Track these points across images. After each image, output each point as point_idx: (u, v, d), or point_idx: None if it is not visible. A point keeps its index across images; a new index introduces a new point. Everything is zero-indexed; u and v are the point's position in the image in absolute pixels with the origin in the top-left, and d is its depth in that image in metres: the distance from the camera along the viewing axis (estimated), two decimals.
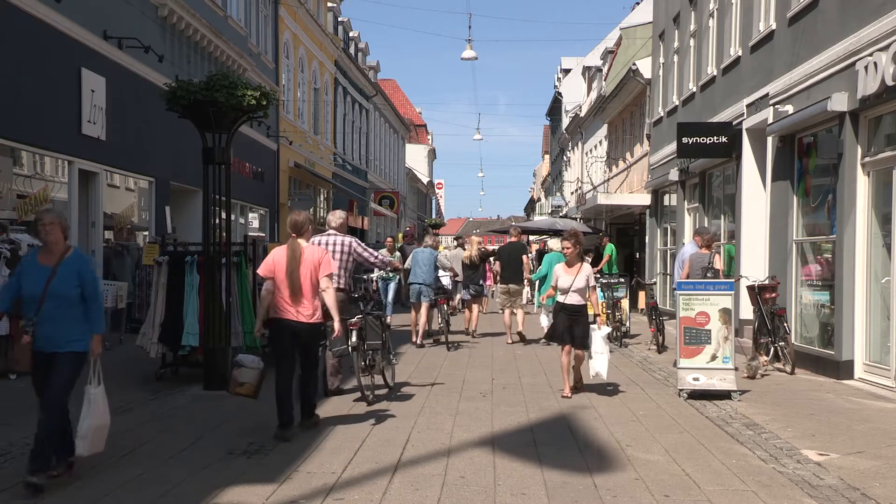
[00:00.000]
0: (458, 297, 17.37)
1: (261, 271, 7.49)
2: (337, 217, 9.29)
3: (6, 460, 6.28)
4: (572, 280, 9.28)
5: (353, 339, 8.64)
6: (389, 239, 20.67)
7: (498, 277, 15.91)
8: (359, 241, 9.29)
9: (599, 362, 9.24)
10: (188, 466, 6.14)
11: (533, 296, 18.94)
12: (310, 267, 7.30)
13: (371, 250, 9.61)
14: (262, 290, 7.55)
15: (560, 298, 9.38)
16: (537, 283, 15.30)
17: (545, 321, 14.59)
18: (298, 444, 6.85)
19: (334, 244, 8.92)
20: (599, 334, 9.32)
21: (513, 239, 16.08)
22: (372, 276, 11.98)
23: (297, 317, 7.24)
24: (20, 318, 9.43)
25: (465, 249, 16.37)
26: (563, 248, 9.31)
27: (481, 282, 15.92)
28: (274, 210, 24.39)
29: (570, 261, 9.44)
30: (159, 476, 5.90)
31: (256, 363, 7.50)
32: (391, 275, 14.14)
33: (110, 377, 10.10)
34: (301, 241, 7.43)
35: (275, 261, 7.33)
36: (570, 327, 9.26)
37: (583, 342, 9.27)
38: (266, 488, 5.59)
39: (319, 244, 8.65)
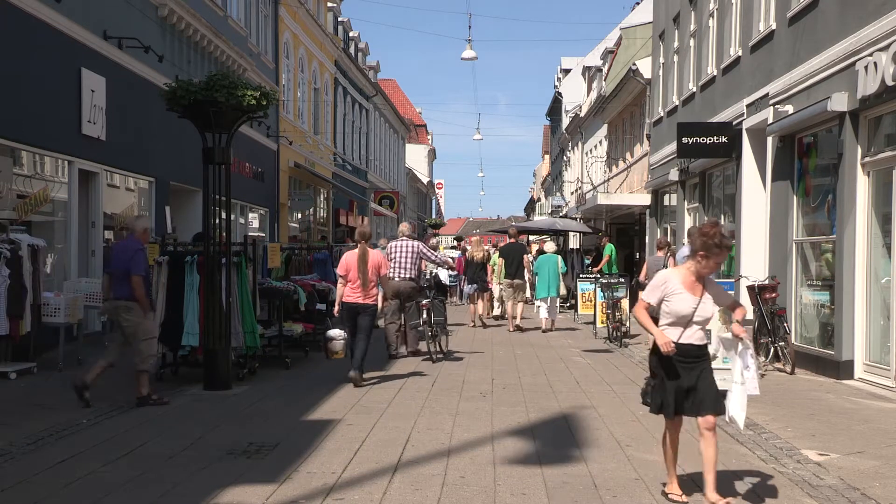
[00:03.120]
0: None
1: (339, 270, 10.20)
2: (407, 228, 12.68)
3: (6, 460, 6.27)
4: (695, 304, 5.43)
5: (424, 315, 11.97)
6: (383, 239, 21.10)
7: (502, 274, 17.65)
8: (424, 244, 12.66)
9: (734, 399, 5.54)
10: (188, 466, 6.13)
11: (533, 295, 19.50)
12: (372, 265, 9.93)
13: (433, 251, 13.17)
14: (337, 282, 10.34)
15: (668, 334, 5.49)
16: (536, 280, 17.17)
17: (544, 312, 16.80)
18: (298, 444, 6.85)
19: (406, 247, 12.12)
20: (740, 352, 5.61)
21: (512, 240, 18.06)
22: (434, 270, 14.19)
23: (360, 299, 9.92)
24: (20, 318, 9.51)
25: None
26: (708, 252, 5.36)
27: (486, 278, 17.90)
28: (274, 210, 24.37)
29: (699, 271, 5.44)
30: (159, 476, 5.89)
31: (342, 336, 10.07)
32: None
33: (110, 377, 10.14)
34: (366, 246, 10.03)
35: (347, 261, 10.04)
36: (690, 386, 5.44)
37: (716, 403, 5.41)
38: (266, 488, 5.59)
39: (395, 247, 12.12)
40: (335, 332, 10.23)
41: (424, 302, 12.15)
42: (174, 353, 10.17)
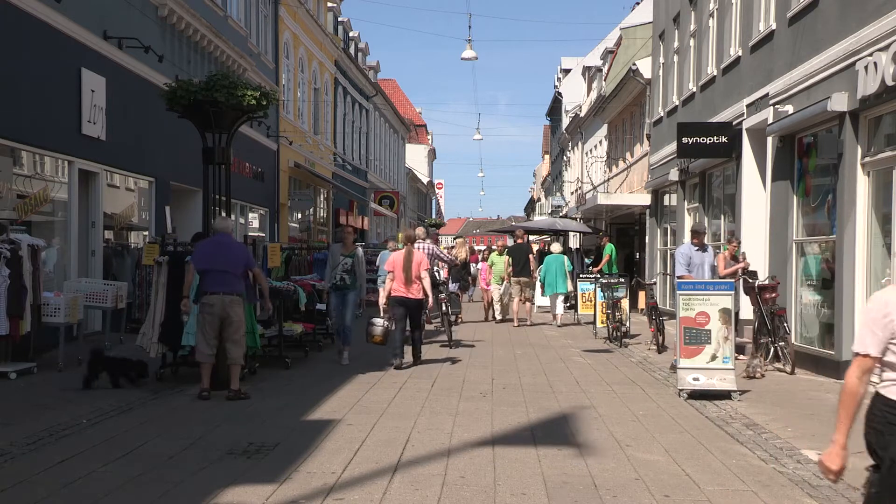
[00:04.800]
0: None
1: (386, 267, 11.68)
2: (422, 232, 14.49)
3: (6, 460, 6.27)
4: None
5: (444, 308, 14.02)
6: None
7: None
8: (436, 245, 14.92)
9: None
10: (188, 466, 6.13)
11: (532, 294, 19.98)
12: (417, 264, 11.36)
13: (444, 252, 15.77)
14: (385, 279, 11.87)
15: (892, 392, 3.50)
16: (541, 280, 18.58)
17: (560, 308, 18.40)
18: (298, 444, 6.85)
19: (422, 249, 13.18)
20: None
21: (519, 240, 19.36)
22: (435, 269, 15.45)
23: (408, 294, 11.33)
24: (20, 318, 9.51)
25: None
26: None
27: (468, 278, 19.68)
28: (274, 210, 24.38)
29: None
30: (159, 476, 5.89)
31: (383, 324, 11.25)
32: (349, 281, 11.77)
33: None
34: (411, 247, 11.63)
35: (395, 260, 11.50)
36: None
37: None
38: (266, 488, 5.58)
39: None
40: (377, 320, 11.42)
41: (442, 296, 14.09)
42: (174, 353, 10.16)
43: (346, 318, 11.81)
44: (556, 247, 19.54)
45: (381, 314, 11.78)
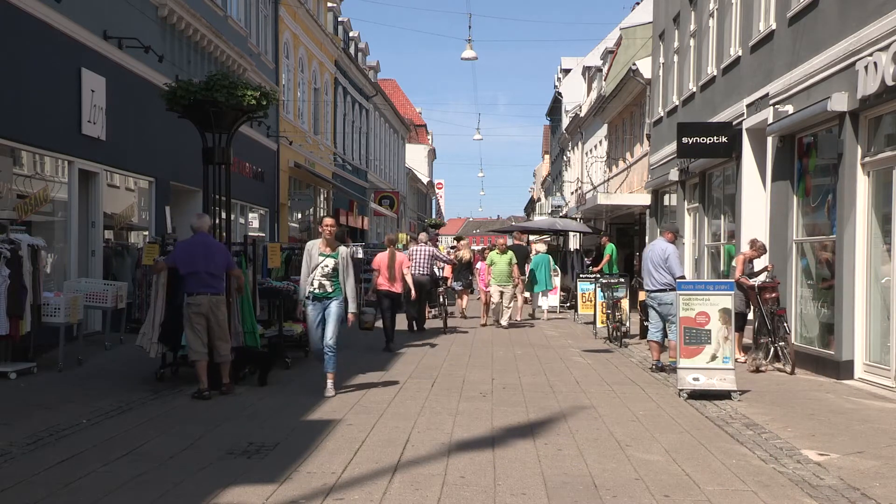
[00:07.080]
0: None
1: (373, 265, 13.60)
2: (423, 237, 17.02)
3: (6, 460, 6.27)
4: None
5: (441, 300, 16.70)
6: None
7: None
8: (435, 247, 17.50)
9: None
10: (188, 467, 6.13)
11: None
12: (399, 263, 13.44)
13: (442, 253, 18.24)
14: (372, 276, 13.69)
15: None
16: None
17: (546, 304, 19.88)
18: (298, 444, 6.85)
19: (423, 251, 15.94)
20: None
21: (517, 241, 20.95)
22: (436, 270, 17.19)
23: (391, 288, 13.39)
24: (20, 318, 9.51)
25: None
26: None
27: (469, 277, 20.09)
28: (274, 210, 24.37)
29: None
30: (159, 476, 5.89)
31: (372, 312, 12.44)
32: (330, 289, 9.16)
33: (110, 377, 10.15)
34: (394, 249, 13.59)
35: (380, 260, 13.48)
36: None
37: None
38: (266, 488, 5.59)
39: (415, 251, 15.89)
40: (367, 309, 12.39)
41: (440, 290, 16.63)
42: (174, 353, 10.16)
43: (327, 334, 9.18)
44: (541, 246, 20.81)
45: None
